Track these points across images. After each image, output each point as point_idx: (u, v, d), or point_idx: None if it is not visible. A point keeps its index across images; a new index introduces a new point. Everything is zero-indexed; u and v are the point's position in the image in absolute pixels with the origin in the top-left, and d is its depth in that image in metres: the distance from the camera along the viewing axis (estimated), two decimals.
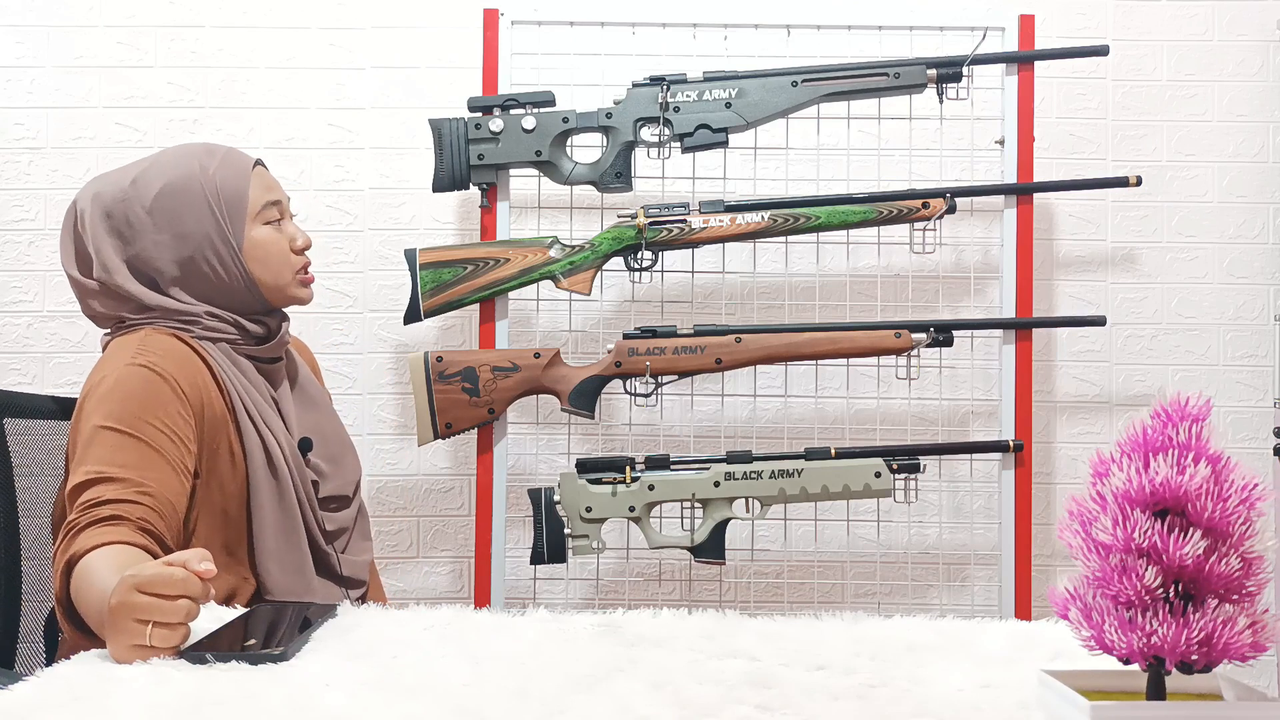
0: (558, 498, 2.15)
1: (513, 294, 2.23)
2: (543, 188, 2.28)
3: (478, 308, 2.24)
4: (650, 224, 2.17)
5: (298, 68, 2.50)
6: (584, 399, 2.17)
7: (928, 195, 2.19)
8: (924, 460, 2.18)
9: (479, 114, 2.19)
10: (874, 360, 2.23)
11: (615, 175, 2.20)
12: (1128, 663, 0.90)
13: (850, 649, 1.18)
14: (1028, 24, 2.25)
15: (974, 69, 2.20)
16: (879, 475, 2.15)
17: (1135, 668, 0.91)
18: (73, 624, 1.36)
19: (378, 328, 2.50)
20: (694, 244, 2.20)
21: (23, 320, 2.49)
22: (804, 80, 2.18)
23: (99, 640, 1.21)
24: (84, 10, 2.49)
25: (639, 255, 2.20)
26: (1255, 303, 2.52)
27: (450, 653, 1.16)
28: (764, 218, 2.18)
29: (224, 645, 1.14)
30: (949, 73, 2.18)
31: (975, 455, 2.29)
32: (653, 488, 2.15)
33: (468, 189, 2.22)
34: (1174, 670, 0.89)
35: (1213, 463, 0.90)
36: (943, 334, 2.18)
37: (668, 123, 2.18)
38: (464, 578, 2.50)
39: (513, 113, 2.18)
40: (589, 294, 2.20)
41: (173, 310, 1.62)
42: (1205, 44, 2.52)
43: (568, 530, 2.15)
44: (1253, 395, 2.52)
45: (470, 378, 2.16)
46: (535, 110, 2.19)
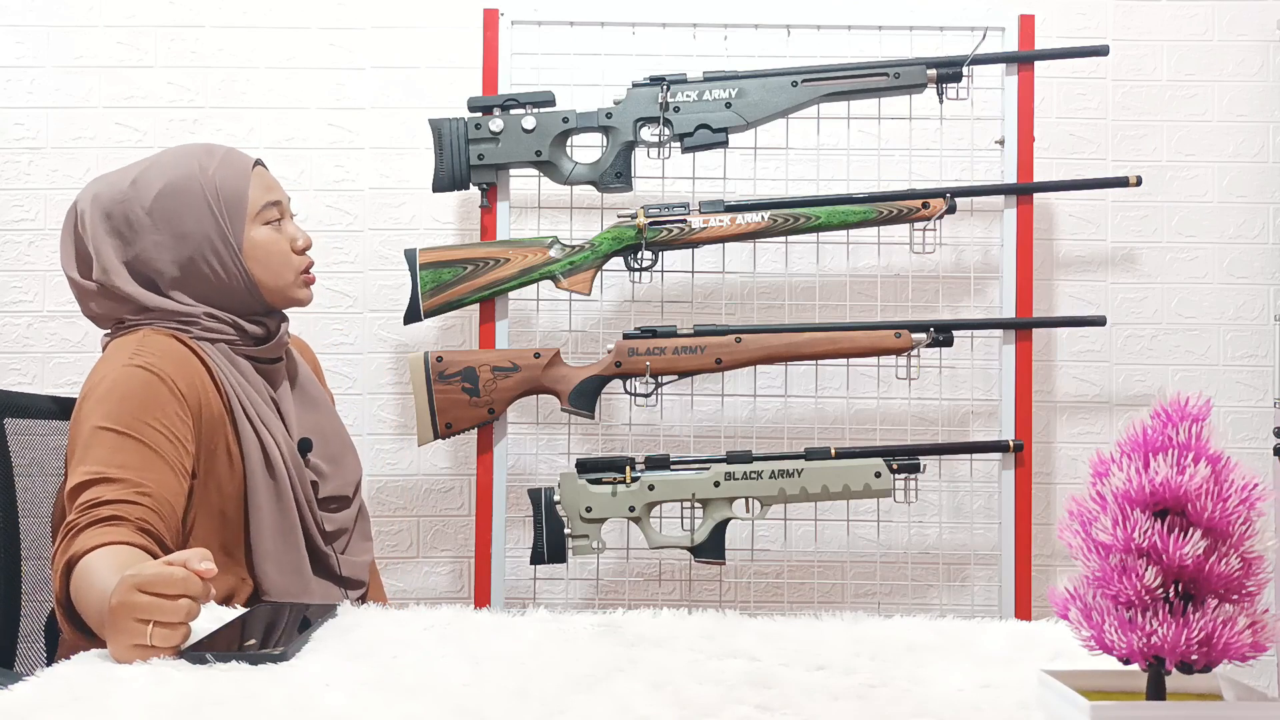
0: (558, 498, 2.15)
1: (513, 294, 2.23)
2: (543, 188, 2.28)
3: (478, 308, 2.24)
4: (650, 224, 2.17)
5: (298, 68, 2.50)
6: (584, 399, 2.17)
7: (928, 195, 2.19)
8: (924, 460, 2.18)
9: (479, 114, 2.19)
10: (874, 360, 2.23)
11: (615, 175, 2.20)
12: (1128, 663, 0.90)
13: (850, 649, 1.18)
14: (1028, 24, 2.25)
15: (974, 69, 2.20)
16: (879, 475, 2.15)
17: (1135, 668, 0.91)
18: (73, 625, 1.36)
19: (378, 328, 2.50)
20: (694, 244, 2.20)
21: (23, 320, 2.49)
22: (804, 80, 2.18)
23: (99, 641, 1.21)
24: (84, 10, 2.49)
25: (639, 255, 2.20)
26: (1255, 303, 2.52)
27: (450, 653, 1.16)
28: (764, 218, 2.18)
29: (224, 645, 1.14)
30: (949, 73, 2.18)
31: (975, 455, 2.29)
32: (653, 488, 2.15)
33: (468, 189, 2.22)
34: (1174, 670, 0.89)
35: (1213, 463, 0.90)
36: (943, 334, 2.18)
37: (668, 123, 2.18)
38: (464, 578, 2.50)
39: (513, 113, 2.18)
40: (589, 294, 2.20)
41: (171, 311, 1.62)
42: (1205, 44, 2.52)
43: (568, 530, 2.15)
44: (1253, 395, 2.52)
45: (470, 378, 2.16)
46: (535, 110, 2.19)
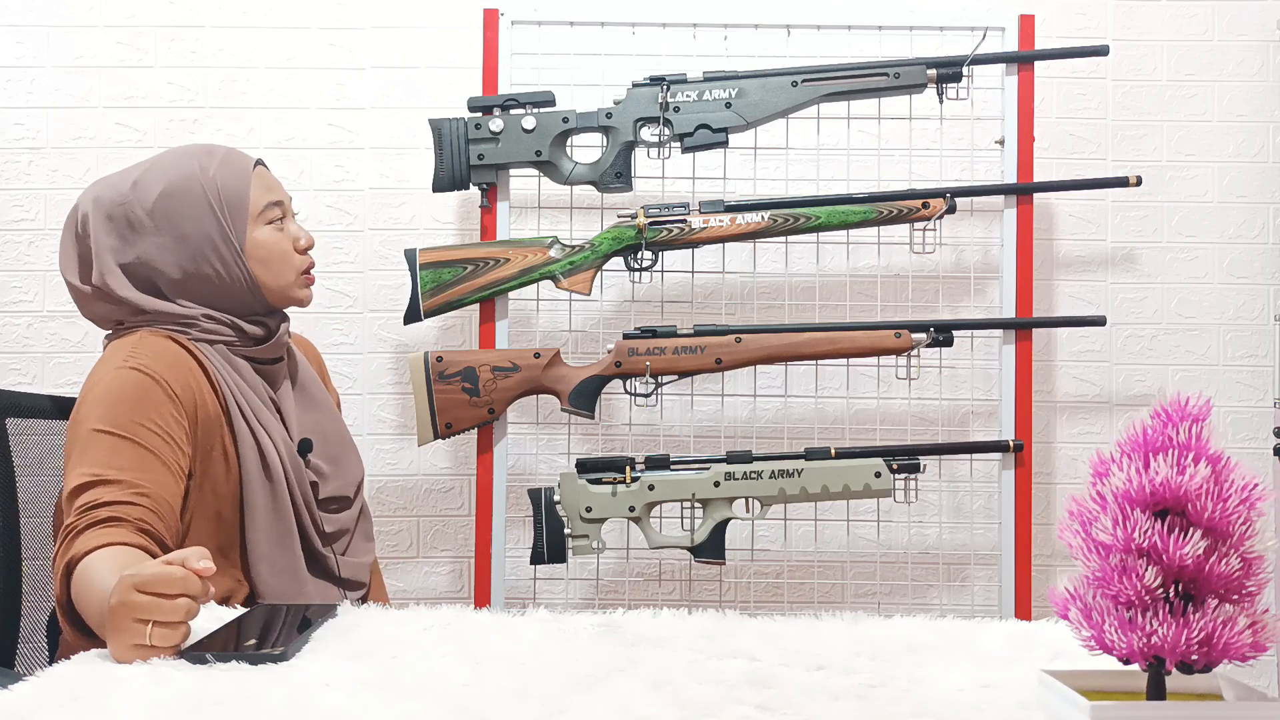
0: (558, 498, 2.15)
1: (513, 294, 2.23)
2: (543, 188, 2.28)
3: (478, 308, 2.24)
4: (650, 224, 2.17)
5: (298, 68, 2.50)
6: (584, 399, 2.17)
7: (928, 195, 2.19)
8: (924, 460, 2.18)
9: (479, 114, 2.19)
10: (874, 360, 2.23)
11: (615, 175, 2.20)
12: (1128, 663, 0.90)
13: (850, 649, 1.18)
14: (1028, 24, 2.25)
15: (974, 69, 2.20)
16: (879, 475, 2.15)
17: (1135, 668, 0.91)
18: (75, 627, 1.36)
19: (378, 328, 2.50)
20: (694, 244, 2.20)
21: (23, 320, 2.49)
22: (804, 80, 2.18)
23: (102, 642, 1.21)
24: (84, 10, 2.49)
25: (639, 255, 2.20)
26: (1255, 303, 2.52)
27: (450, 653, 1.16)
28: (764, 218, 2.18)
29: (224, 645, 1.14)
30: (949, 73, 2.18)
31: (975, 455, 2.29)
32: (653, 488, 2.15)
33: (468, 189, 2.22)
34: (1174, 670, 0.89)
35: (1213, 463, 0.90)
36: (943, 334, 2.18)
37: (668, 123, 2.18)
38: (464, 578, 2.50)
39: (513, 113, 2.18)
40: (589, 294, 2.20)
41: (169, 314, 1.62)
42: (1205, 44, 2.52)
43: (568, 530, 2.15)
44: (1253, 395, 2.52)
45: (470, 378, 2.16)
46: (535, 110, 2.19)
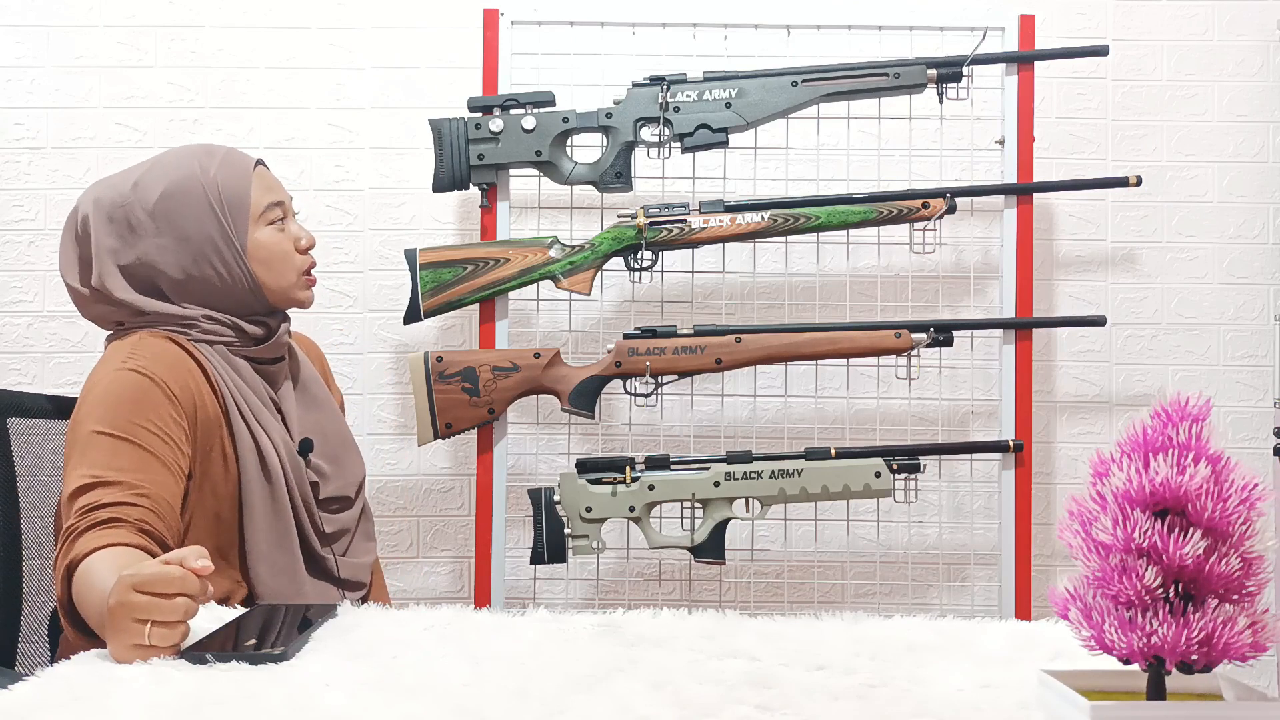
0: (558, 498, 2.15)
1: (513, 294, 2.23)
2: (543, 188, 2.28)
3: (478, 308, 2.24)
4: (650, 224, 2.17)
5: (298, 68, 2.50)
6: (584, 399, 2.17)
7: (928, 195, 2.19)
8: (924, 460, 2.18)
9: (479, 114, 2.19)
10: (874, 360, 2.23)
11: (615, 175, 2.20)
12: (1128, 663, 0.90)
13: (850, 649, 1.18)
14: (1028, 24, 2.25)
15: (974, 69, 2.20)
16: (879, 475, 2.15)
17: (1135, 668, 0.91)
18: (77, 628, 1.36)
19: (378, 328, 2.50)
20: (694, 244, 2.20)
21: (23, 320, 2.49)
22: (804, 80, 2.18)
23: (103, 643, 1.21)
24: (84, 10, 2.49)
25: (639, 255, 2.20)
26: (1255, 303, 2.52)
27: (450, 653, 1.16)
28: (764, 218, 2.18)
29: (224, 645, 1.14)
30: (949, 73, 2.18)
31: (975, 455, 2.29)
32: (653, 488, 2.15)
33: (468, 189, 2.21)
34: (1174, 670, 0.89)
35: (1213, 463, 0.90)
36: (943, 334, 2.18)
37: (668, 123, 2.18)
38: (464, 578, 2.50)
39: (513, 113, 2.18)
40: (589, 294, 2.20)
41: (169, 314, 1.62)
42: (1205, 44, 2.52)
43: (568, 530, 2.15)
44: (1253, 395, 2.52)
45: (470, 378, 2.16)
46: (535, 110, 2.19)
